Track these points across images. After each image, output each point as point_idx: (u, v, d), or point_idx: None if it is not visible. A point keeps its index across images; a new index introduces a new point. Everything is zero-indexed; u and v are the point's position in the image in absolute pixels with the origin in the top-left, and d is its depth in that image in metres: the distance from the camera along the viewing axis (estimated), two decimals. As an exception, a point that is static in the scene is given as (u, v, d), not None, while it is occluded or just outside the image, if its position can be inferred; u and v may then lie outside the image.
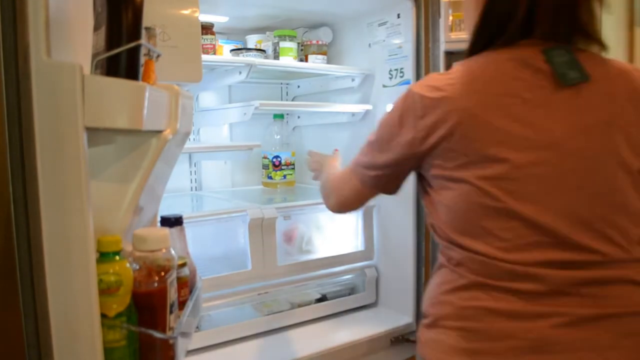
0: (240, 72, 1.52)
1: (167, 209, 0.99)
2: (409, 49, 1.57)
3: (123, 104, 0.61)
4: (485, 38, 0.81)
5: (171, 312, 0.71)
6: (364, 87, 1.78)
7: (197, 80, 1.15)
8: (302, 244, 1.68)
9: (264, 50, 1.72)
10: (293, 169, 1.91)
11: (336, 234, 1.74)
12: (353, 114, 1.78)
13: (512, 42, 0.78)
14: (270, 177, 1.88)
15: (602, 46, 0.79)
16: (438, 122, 0.76)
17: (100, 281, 0.61)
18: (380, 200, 1.73)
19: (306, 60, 1.76)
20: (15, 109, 0.60)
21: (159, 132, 0.72)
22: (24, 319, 0.62)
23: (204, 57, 1.32)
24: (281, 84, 2.09)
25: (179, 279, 0.78)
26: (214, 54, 1.57)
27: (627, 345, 0.71)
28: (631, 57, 1.95)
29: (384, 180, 0.89)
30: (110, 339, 0.63)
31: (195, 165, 1.88)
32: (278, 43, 1.72)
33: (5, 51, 0.60)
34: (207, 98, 1.87)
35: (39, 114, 0.58)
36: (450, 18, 1.44)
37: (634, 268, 0.73)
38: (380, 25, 1.69)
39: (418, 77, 1.56)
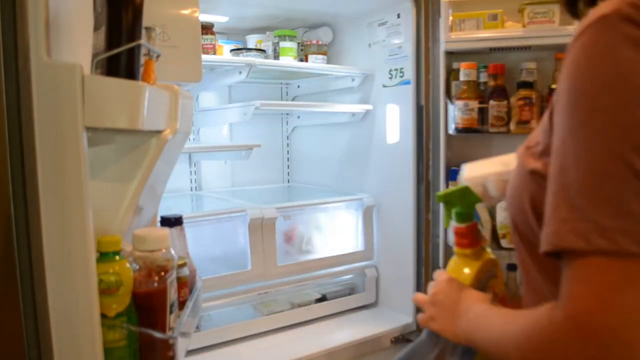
0: (240, 72, 1.52)
1: (167, 209, 0.99)
2: (409, 49, 1.57)
3: (123, 104, 0.61)
4: None
5: (171, 312, 0.71)
6: (364, 87, 1.78)
7: (197, 80, 1.15)
8: (302, 244, 1.68)
9: (264, 50, 1.72)
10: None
11: (336, 234, 1.74)
12: (353, 114, 1.78)
13: None
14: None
15: None
16: None
17: (100, 281, 0.61)
18: (380, 200, 1.74)
19: (306, 60, 1.76)
20: (15, 109, 0.60)
21: (159, 132, 0.72)
22: (24, 319, 0.62)
23: (204, 57, 1.32)
24: (281, 84, 2.09)
25: (179, 279, 0.78)
26: (214, 54, 1.57)
27: None
28: (631, 57, 1.94)
29: None
30: (110, 339, 0.63)
31: (195, 165, 1.88)
32: (278, 43, 1.72)
33: (5, 51, 0.59)
34: (207, 98, 1.87)
35: (39, 114, 0.58)
36: (450, 18, 1.44)
37: None
38: (380, 25, 1.69)
39: (418, 77, 1.56)
